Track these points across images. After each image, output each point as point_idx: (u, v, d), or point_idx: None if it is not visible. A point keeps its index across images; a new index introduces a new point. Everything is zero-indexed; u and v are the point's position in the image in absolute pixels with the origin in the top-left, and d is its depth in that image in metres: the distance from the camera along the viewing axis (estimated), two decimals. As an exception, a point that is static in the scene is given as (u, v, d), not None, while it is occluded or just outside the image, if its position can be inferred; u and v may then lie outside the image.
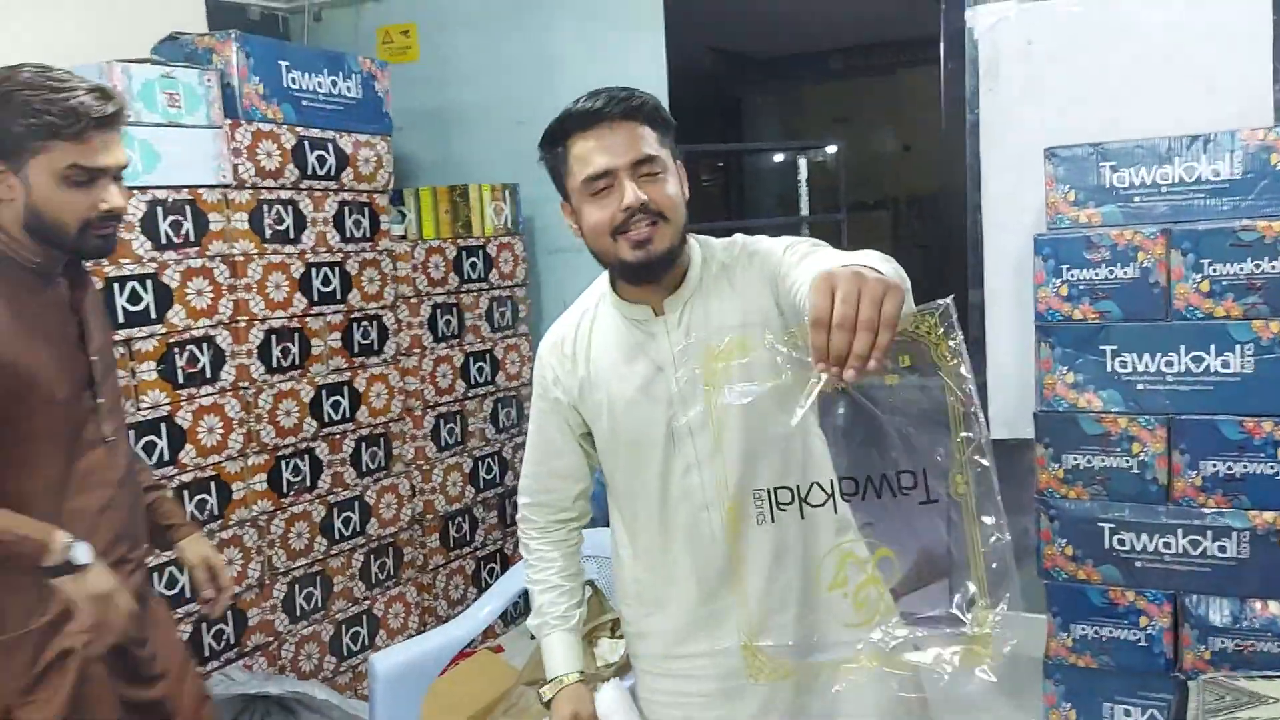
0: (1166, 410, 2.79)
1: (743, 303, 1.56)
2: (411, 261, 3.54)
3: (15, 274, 1.69)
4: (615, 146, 1.49)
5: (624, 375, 1.60)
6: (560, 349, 1.68)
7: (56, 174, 1.62)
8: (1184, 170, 2.84)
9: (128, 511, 1.85)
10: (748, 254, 1.60)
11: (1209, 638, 2.79)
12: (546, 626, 1.78)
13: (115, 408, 1.86)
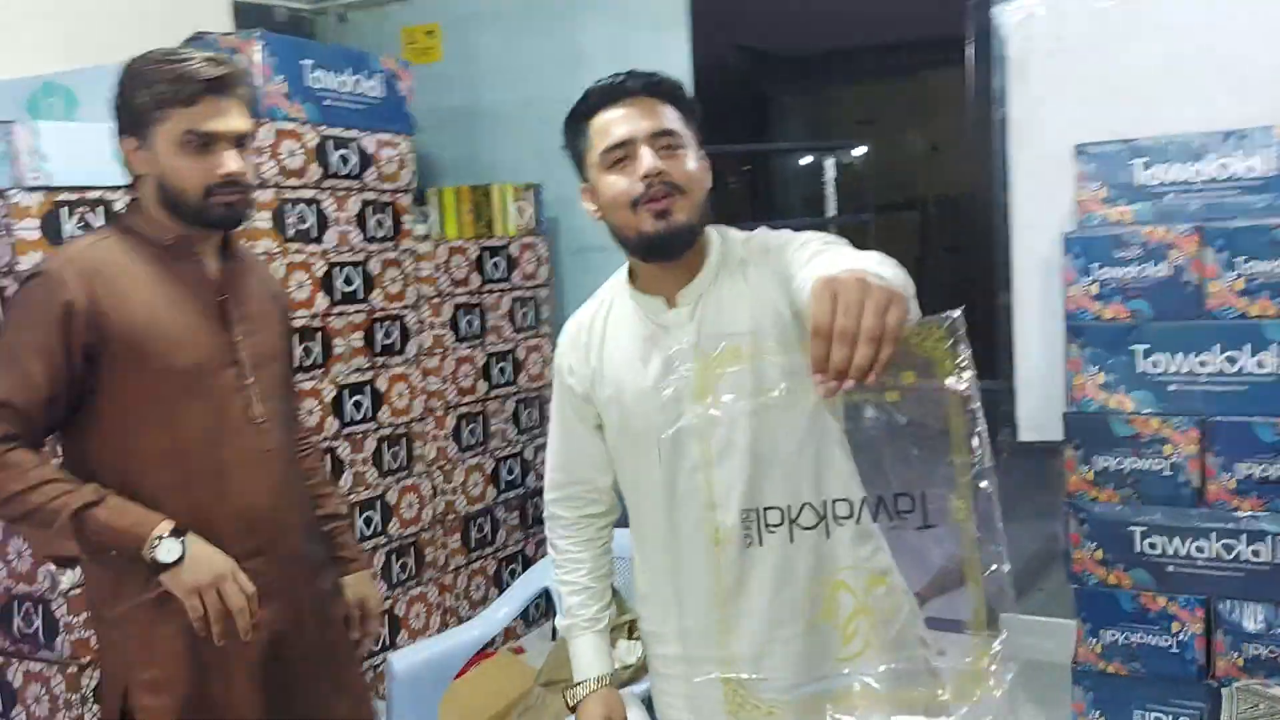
0: (1199, 411, 2.73)
1: (755, 300, 1.52)
2: (434, 261, 3.53)
3: (146, 249, 1.72)
4: (635, 117, 1.48)
5: (636, 369, 1.57)
6: (576, 339, 1.65)
7: (176, 141, 1.65)
8: (1217, 167, 2.78)
9: (272, 499, 1.80)
10: (763, 249, 1.56)
11: (1242, 644, 2.72)
12: (576, 629, 1.74)
13: (274, 394, 1.83)
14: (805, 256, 1.47)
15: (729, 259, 1.57)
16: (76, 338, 1.62)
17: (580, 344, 1.64)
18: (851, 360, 1.06)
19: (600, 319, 1.63)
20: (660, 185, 1.46)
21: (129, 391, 1.68)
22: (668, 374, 1.49)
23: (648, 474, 1.59)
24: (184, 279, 1.73)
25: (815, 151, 8.02)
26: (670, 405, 1.51)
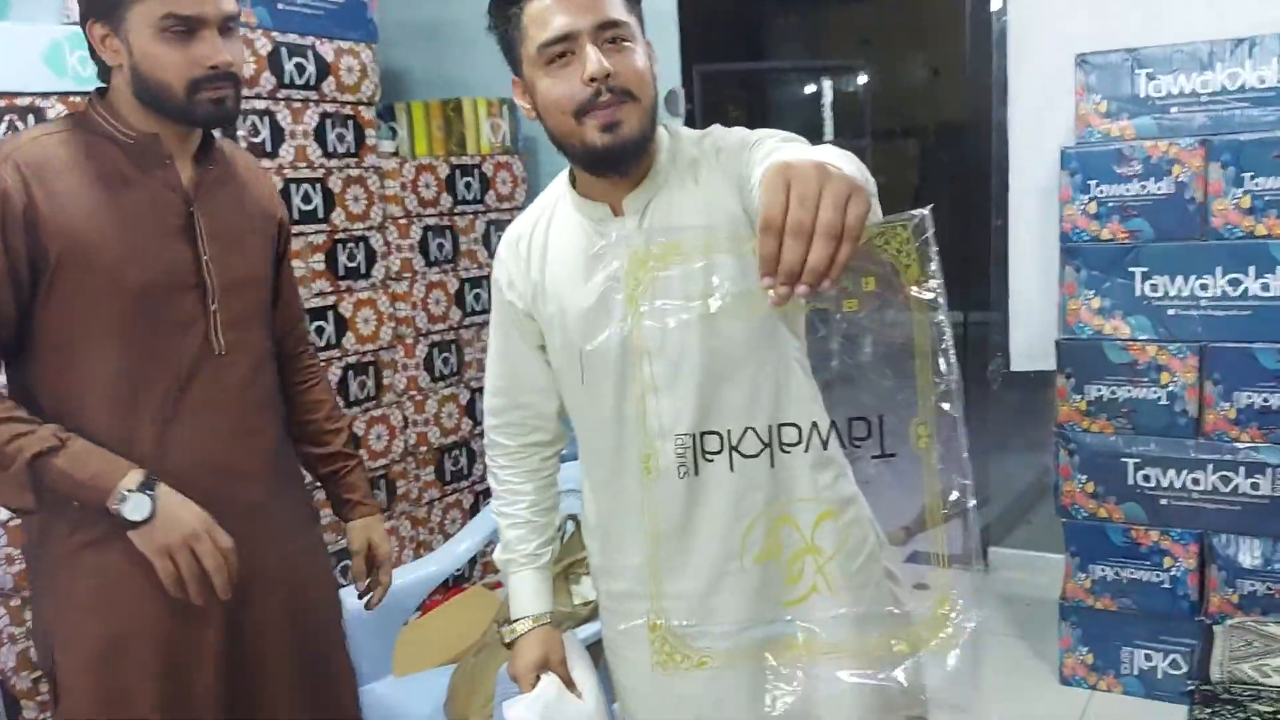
0: (1199, 337, 2.59)
1: (707, 203, 1.37)
2: (400, 180, 3.36)
3: (104, 148, 1.50)
4: (577, 6, 1.28)
5: (579, 284, 1.42)
6: (516, 250, 1.50)
7: (153, 27, 1.45)
8: (1226, 77, 2.61)
9: (227, 444, 1.59)
10: (715, 149, 1.40)
11: (1237, 580, 2.62)
12: (514, 564, 1.63)
13: (245, 324, 1.61)
14: (760, 156, 1.31)
15: (679, 159, 1.40)
16: (15, 240, 1.43)
17: (520, 255, 1.49)
18: (806, 259, 0.92)
19: (542, 228, 1.48)
20: (608, 91, 1.29)
21: (72, 312, 1.47)
22: (602, 275, 1.37)
23: (594, 397, 1.45)
24: (147, 184, 1.52)
25: (812, 72, 7.78)
26: (596, 313, 1.38)
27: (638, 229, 1.37)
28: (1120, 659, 2.79)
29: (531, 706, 1.54)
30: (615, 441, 1.45)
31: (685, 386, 1.36)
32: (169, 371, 1.53)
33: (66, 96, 2.46)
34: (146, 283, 1.50)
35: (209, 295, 1.55)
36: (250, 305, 1.64)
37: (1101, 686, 2.83)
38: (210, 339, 1.56)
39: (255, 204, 1.69)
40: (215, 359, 1.57)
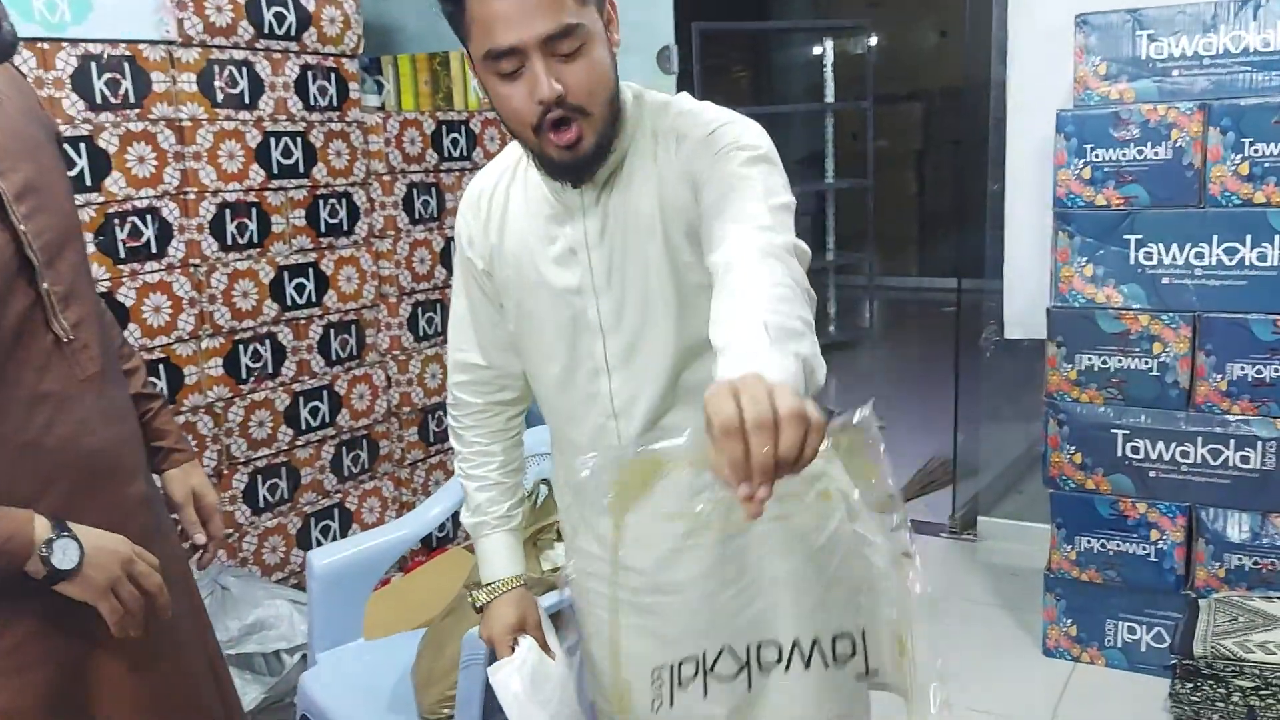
0: (1193, 307, 2.54)
1: (661, 186, 1.29)
2: (384, 135, 3.30)
3: None
4: (523, 17, 1.16)
5: (535, 251, 1.37)
6: (477, 207, 1.43)
7: None
8: (1230, 40, 2.53)
9: (111, 434, 1.34)
10: (676, 134, 1.30)
11: (1225, 554, 2.58)
12: (485, 527, 1.59)
13: (76, 292, 1.29)
14: (715, 192, 1.22)
15: (641, 131, 1.32)
16: None
17: (481, 213, 1.43)
18: (779, 447, 0.87)
19: (503, 188, 1.41)
20: (559, 108, 1.20)
21: None
22: (583, 255, 1.33)
23: (546, 365, 1.42)
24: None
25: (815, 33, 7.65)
26: (588, 289, 1.35)
27: (595, 203, 1.32)
28: (1104, 631, 2.76)
29: (521, 670, 1.51)
30: (564, 406, 1.43)
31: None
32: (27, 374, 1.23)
33: (34, 42, 2.41)
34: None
35: (38, 271, 1.24)
36: (78, 263, 1.32)
37: (1084, 658, 2.80)
38: (50, 325, 1.26)
39: (38, 124, 1.33)
40: (61, 347, 1.27)
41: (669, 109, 1.33)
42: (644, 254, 1.30)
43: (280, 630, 2.54)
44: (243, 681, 2.47)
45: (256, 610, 2.54)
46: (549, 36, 1.17)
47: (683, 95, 1.37)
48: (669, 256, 1.29)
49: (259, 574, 2.98)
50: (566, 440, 1.46)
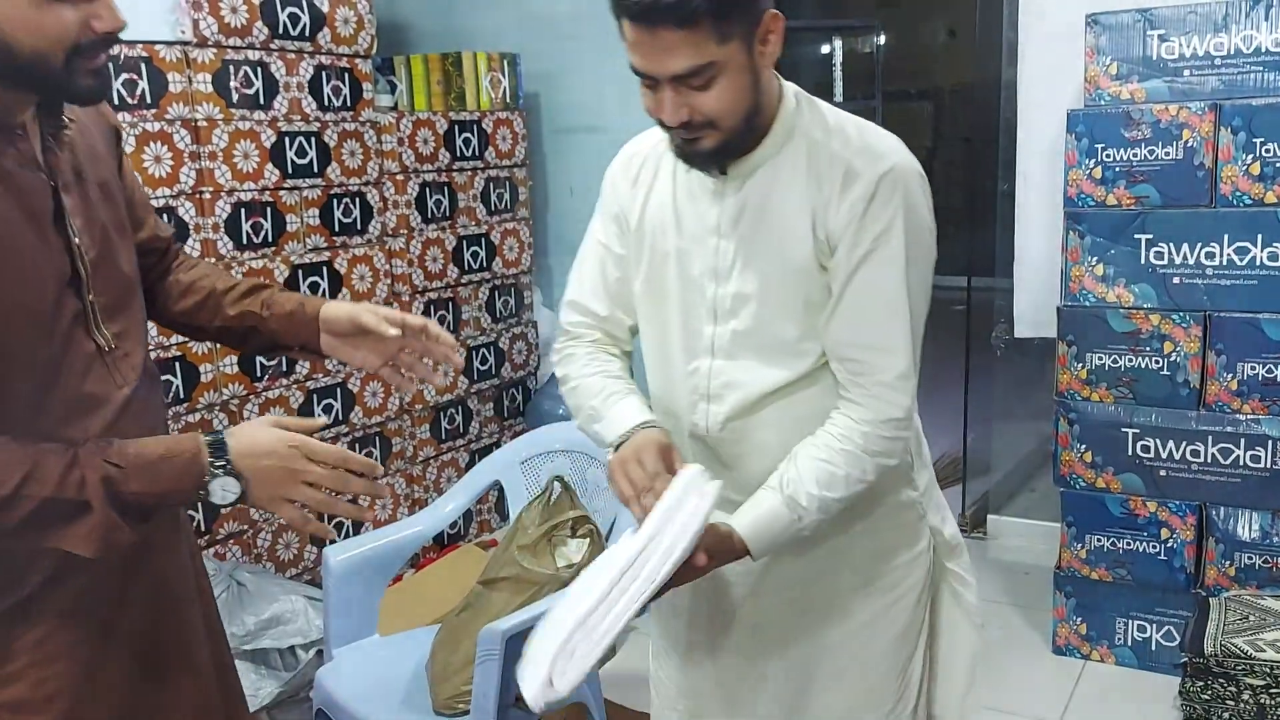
0: (1204, 306, 2.54)
1: (815, 201, 1.34)
2: (398, 135, 3.32)
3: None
4: (654, 53, 1.23)
5: (670, 225, 1.43)
6: (628, 165, 1.50)
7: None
8: (1241, 40, 2.54)
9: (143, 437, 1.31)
10: (846, 166, 1.33)
11: (1235, 553, 2.59)
12: (614, 397, 1.47)
13: (121, 304, 1.32)
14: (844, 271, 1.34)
15: (797, 134, 1.36)
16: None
17: (631, 172, 1.49)
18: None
19: (656, 157, 1.47)
20: (683, 127, 1.28)
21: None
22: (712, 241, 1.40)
23: (659, 332, 1.48)
24: (12, 166, 1.20)
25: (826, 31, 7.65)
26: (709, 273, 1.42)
27: (738, 190, 1.38)
28: (1114, 630, 2.77)
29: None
30: (665, 376, 1.49)
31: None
32: (70, 383, 1.24)
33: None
34: (25, 295, 1.20)
35: (85, 283, 1.26)
36: (120, 284, 1.34)
37: (1094, 657, 2.81)
38: (92, 337, 1.27)
39: (103, 140, 1.36)
40: (107, 356, 1.28)
41: (843, 130, 1.37)
42: (774, 250, 1.36)
43: (296, 626, 2.55)
44: (258, 676, 2.49)
45: (272, 606, 2.56)
46: (676, 76, 1.24)
47: (850, 118, 1.40)
48: (799, 262, 1.35)
49: (273, 570, 3.00)
50: (661, 408, 1.50)
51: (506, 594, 2.05)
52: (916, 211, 1.33)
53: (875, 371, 1.34)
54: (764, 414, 1.41)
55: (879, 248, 1.31)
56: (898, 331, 1.34)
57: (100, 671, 1.30)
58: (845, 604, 1.50)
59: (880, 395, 1.33)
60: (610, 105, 3.95)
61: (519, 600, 2.02)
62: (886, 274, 1.32)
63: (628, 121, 4.08)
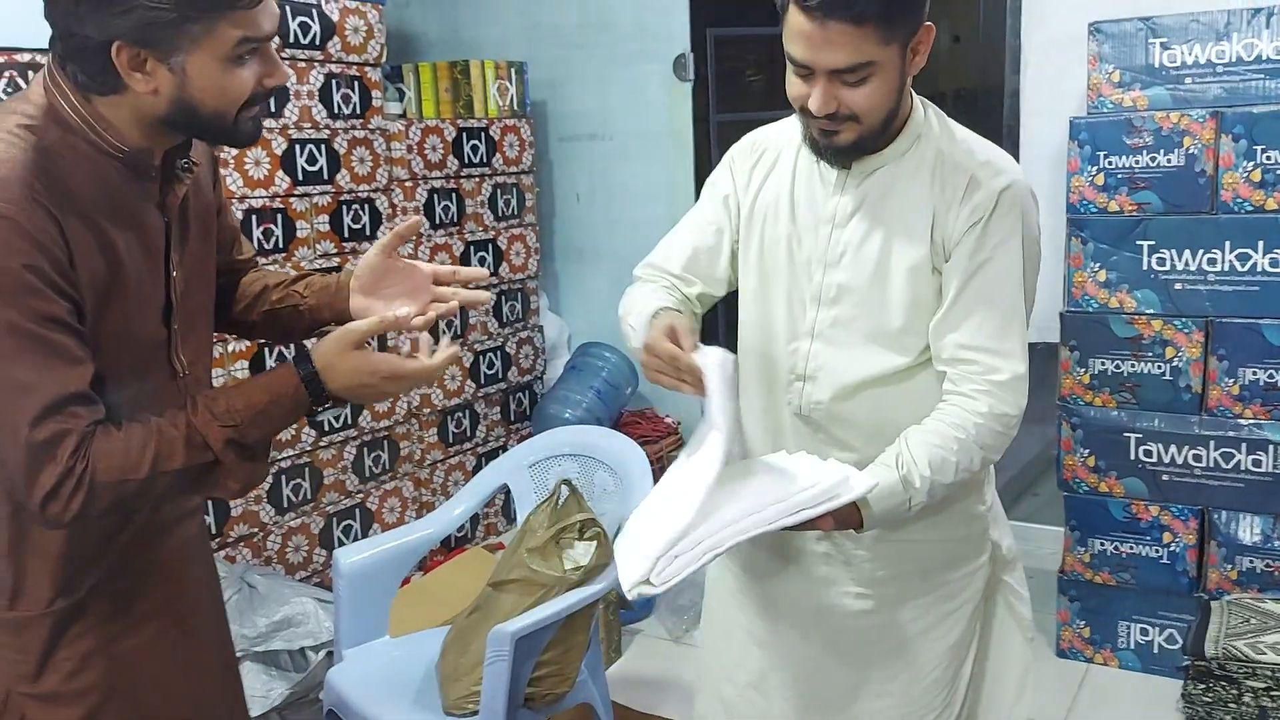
0: (1206, 312, 2.57)
1: (936, 206, 1.41)
2: (406, 142, 3.35)
3: (102, 168, 1.22)
4: (819, 48, 1.31)
5: (786, 210, 1.50)
6: (751, 150, 1.58)
7: (224, 57, 1.18)
8: (1242, 48, 2.56)
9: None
10: (970, 175, 1.40)
11: (1237, 557, 2.61)
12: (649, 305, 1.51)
13: (195, 330, 1.39)
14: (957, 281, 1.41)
15: (923, 145, 1.44)
16: (68, 290, 1.17)
17: (753, 157, 1.57)
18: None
19: (780, 146, 1.56)
20: (829, 119, 1.36)
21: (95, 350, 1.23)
22: (824, 230, 1.47)
23: (761, 311, 1.54)
24: (135, 203, 1.26)
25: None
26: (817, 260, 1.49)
27: (856, 186, 1.45)
28: (1117, 633, 2.79)
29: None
30: (761, 358, 1.55)
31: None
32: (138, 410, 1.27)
33: (68, 53, 2.46)
34: (139, 319, 1.29)
35: (173, 311, 1.33)
36: (204, 306, 1.42)
37: (1098, 660, 2.83)
38: (171, 361, 1.34)
39: (208, 168, 1.44)
40: (181, 381, 1.35)
41: (968, 143, 1.46)
42: (887, 246, 1.43)
43: (306, 628, 2.58)
44: (269, 677, 2.52)
45: (283, 608, 2.59)
46: (836, 69, 1.31)
47: (974, 135, 1.48)
48: (912, 260, 1.42)
49: (282, 573, 3.03)
50: (754, 387, 1.56)
51: (515, 596, 2.07)
52: (1030, 227, 1.42)
53: (992, 373, 1.39)
54: (856, 402, 1.46)
55: (997, 256, 1.39)
56: (1014, 335, 1.41)
57: (130, 669, 1.35)
58: (906, 611, 1.54)
59: (994, 393, 1.39)
60: (616, 113, 3.98)
61: (528, 602, 2.04)
62: (1005, 281, 1.39)
63: (632, 129, 4.15)
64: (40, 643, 1.29)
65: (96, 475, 1.16)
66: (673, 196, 3.94)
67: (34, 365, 1.13)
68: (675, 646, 3.04)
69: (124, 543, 1.33)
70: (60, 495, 1.14)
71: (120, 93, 1.19)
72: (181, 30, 1.15)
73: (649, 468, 2.24)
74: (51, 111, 1.20)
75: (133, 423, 1.20)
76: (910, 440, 1.39)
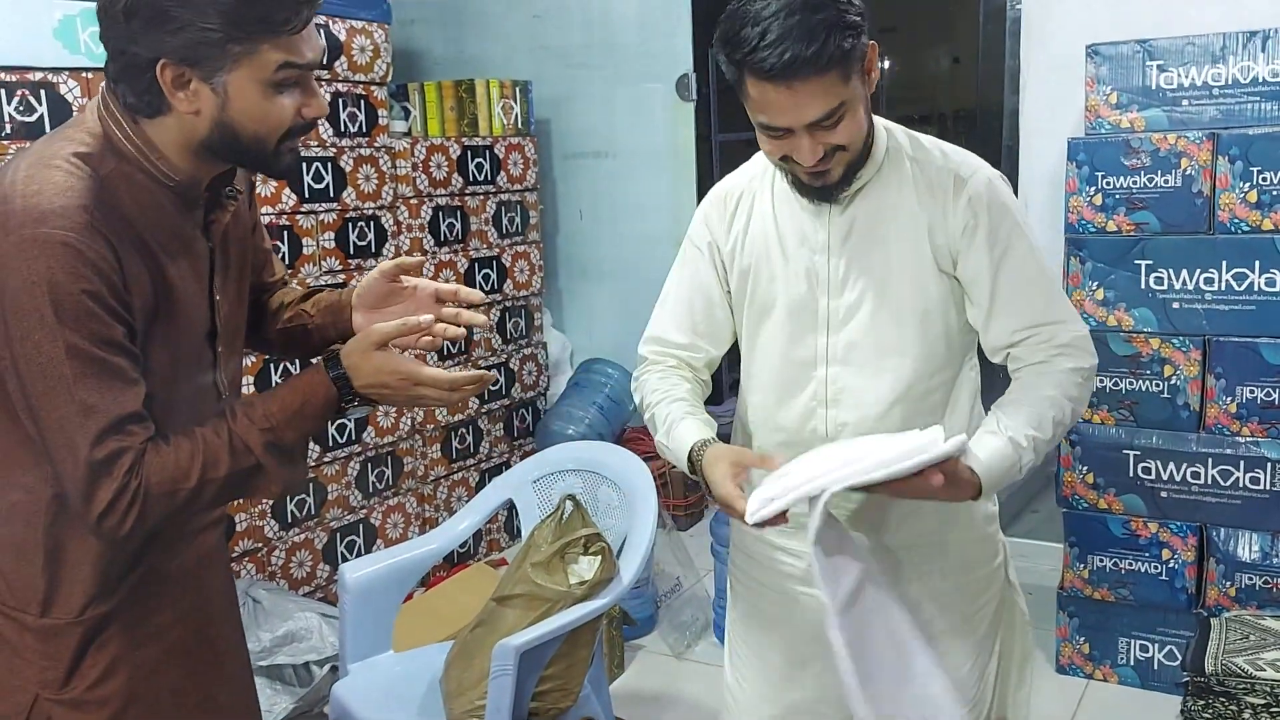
0: (1203, 331, 2.59)
1: (910, 220, 1.45)
2: (411, 160, 3.38)
3: (155, 196, 1.26)
4: (791, 109, 1.33)
5: (777, 245, 1.53)
6: (724, 202, 1.60)
7: (266, 79, 1.22)
8: (1238, 70, 2.60)
9: None
10: (954, 174, 1.45)
11: (1235, 573, 2.62)
12: (679, 414, 1.56)
13: (233, 351, 1.44)
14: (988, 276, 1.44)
15: (894, 158, 1.48)
16: (122, 313, 1.21)
17: (729, 208, 1.59)
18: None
19: (756, 187, 1.58)
20: (820, 161, 1.39)
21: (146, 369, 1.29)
22: (821, 258, 1.49)
23: (768, 342, 1.57)
24: (185, 230, 1.30)
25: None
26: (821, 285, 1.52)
27: (841, 213, 1.48)
28: (1117, 649, 2.81)
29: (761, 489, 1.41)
30: (778, 392, 1.56)
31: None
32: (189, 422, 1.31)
33: (79, 72, 2.50)
34: (188, 342, 1.33)
35: (217, 336, 1.38)
36: (240, 328, 1.47)
37: (1098, 676, 2.84)
38: (216, 382, 1.40)
39: (244, 237, 1.47)
40: (223, 402, 1.39)
41: (935, 147, 1.50)
42: (888, 263, 1.46)
43: (310, 643, 2.60)
44: (273, 692, 2.54)
45: (287, 623, 2.61)
46: (816, 120, 1.34)
47: (927, 137, 1.52)
48: (915, 271, 1.45)
49: (286, 588, 3.04)
50: (773, 423, 1.58)
51: (520, 610, 2.09)
52: (1016, 206, 1.48)
53: (1055, 338, 1.44)
54: (887, 421, 1.48)
55: (1013, 241, 1.44)
56: (1059, 302, 1.47)
57: (153, 676, 1.38)
58: (930, 612, 1.56)
59: (1065, 352, 1.44)
60: (619, 131, 4.02)
61: (532, 616, 2.06)
62: (1028, 261, 1.45)
63: (635, 147, 4.18)
64: (70, 650, 1.31)
65: (150, 489, 1.20)
66: (675, 214, 3.98)
67: (95, 387, 1.17)
68: (678, 662, 3.05)
69: (153, 552, 1.35)
70: (116, 510, 1.19)
71: (165, 114, 1.23)
72: (225, 50, 1.19)
73: (653, 483, 2.26)
74: (107, 140, 1.23)
75: (179, 436, 1.24)
76: (1002, 409, 1.43)
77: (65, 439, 1.17)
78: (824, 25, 1.29)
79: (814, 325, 1.51)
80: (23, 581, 1.30)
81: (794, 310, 1.52)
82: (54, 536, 1.28)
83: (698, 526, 3.94)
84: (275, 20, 1.20)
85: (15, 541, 1.29)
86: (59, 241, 1.14)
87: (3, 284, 1.15)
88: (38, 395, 1.17)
